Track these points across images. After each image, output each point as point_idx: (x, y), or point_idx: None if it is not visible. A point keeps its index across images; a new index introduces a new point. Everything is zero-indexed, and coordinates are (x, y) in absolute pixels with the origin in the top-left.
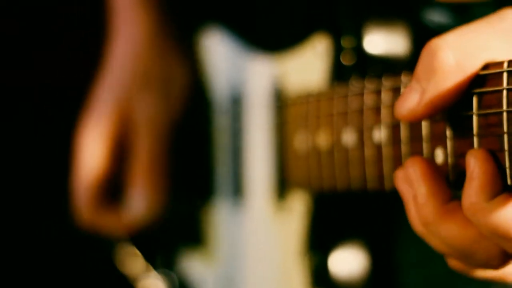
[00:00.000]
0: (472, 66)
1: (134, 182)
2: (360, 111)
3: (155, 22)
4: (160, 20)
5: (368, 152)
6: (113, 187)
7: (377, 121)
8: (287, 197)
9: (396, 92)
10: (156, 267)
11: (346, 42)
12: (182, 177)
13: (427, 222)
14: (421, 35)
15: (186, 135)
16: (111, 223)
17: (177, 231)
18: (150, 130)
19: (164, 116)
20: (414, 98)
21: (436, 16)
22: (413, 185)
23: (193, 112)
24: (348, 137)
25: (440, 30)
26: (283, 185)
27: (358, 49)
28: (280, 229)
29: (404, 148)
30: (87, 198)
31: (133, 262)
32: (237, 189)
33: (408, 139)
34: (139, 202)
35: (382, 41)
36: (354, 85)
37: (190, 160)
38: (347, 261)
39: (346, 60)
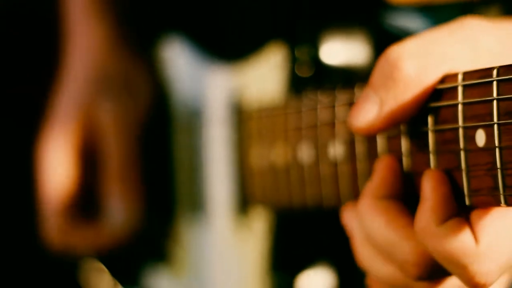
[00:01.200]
0: (433, 77)
1: (110, 190)
2: (314, 127)
3: (111, 31)
4: (116, 29)
5: (324, 169)
6: (86, 199)
7: (332, 137)
8: (249, 214)
9: (350, 106)
10: (122, 284)
11: (301, 53)
12: (145, 192)
13: (360, 212)
14: (382, 41)
15: (148, 149)
16: (89, 237)
17: (143, 246)
18: (117, 134)
19: (129, 118)
20: (372, 110)
21: (397, 20)
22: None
23: (153, 126)
24: (304, 154)
25: (402, 34)
26: (244, 202)
27: (315, 60)
28: (242, 246)
29: (359, 165)
30: (58, 216)
31: (99, 278)
32: (200, 205)
33: (364, 156)
34: (119, 210)
35: (340, 50)
36: (309, 98)
37: (152, 175)
38: (313, 282)
39: (302, 71)
